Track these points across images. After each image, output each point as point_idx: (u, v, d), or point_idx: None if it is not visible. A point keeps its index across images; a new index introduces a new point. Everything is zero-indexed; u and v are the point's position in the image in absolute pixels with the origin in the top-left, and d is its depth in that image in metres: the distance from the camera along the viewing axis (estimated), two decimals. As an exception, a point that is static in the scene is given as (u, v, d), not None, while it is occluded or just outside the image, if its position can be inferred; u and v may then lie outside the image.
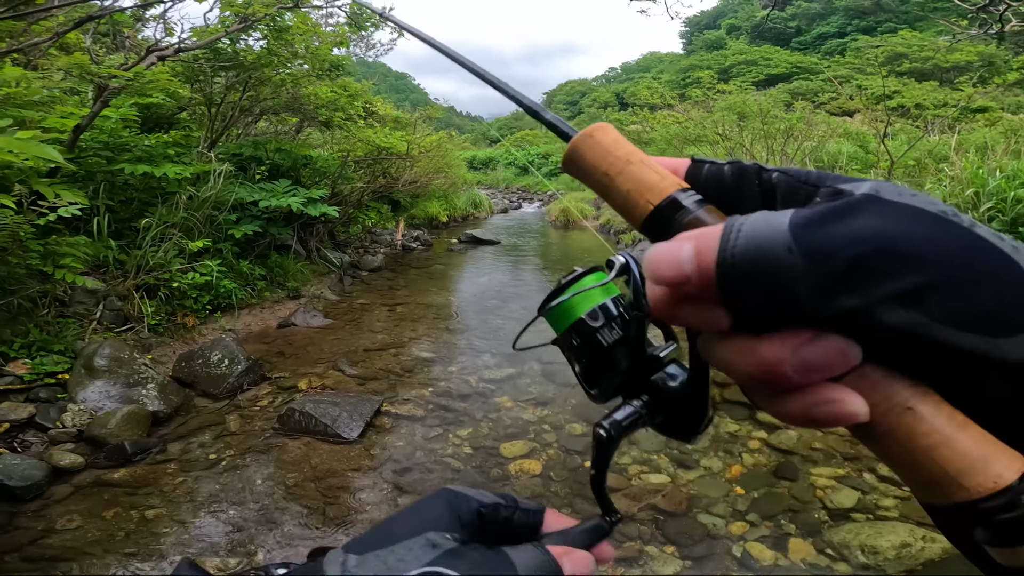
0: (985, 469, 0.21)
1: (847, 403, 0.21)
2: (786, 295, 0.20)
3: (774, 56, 42.10)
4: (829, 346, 0.21)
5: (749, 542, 2.30)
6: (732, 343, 0.23)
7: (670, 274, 0.22)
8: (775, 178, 0.27)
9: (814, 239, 0.20)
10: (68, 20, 3.96)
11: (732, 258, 0.21)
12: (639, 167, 0.30)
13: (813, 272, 0.20)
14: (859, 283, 0.20)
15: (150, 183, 4.47)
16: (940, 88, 23.94)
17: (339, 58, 7.41)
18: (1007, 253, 0.20)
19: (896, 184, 0.23)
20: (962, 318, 0.20)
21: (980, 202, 4.75)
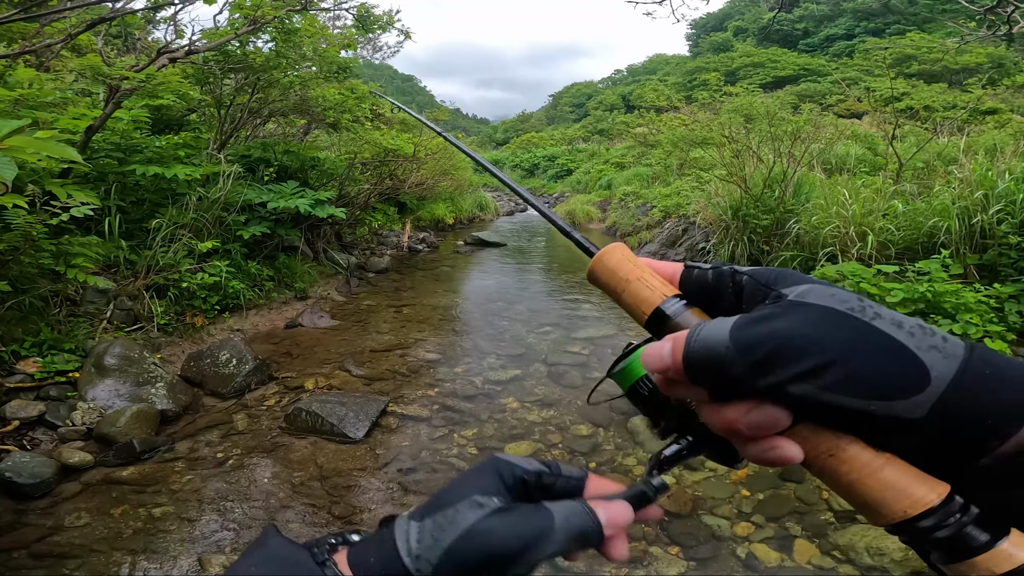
0: (900, 499, 0.28)
1: (785, 449, 0.30)
2: (728, 377, 0.30)
3: (781, 58, 41.89)
4: (765, 412, 0.30)
5: (754, 543, 2.30)
6: (709, 409, 0.32)
7: (657, 366, 0.33)
8: (744, 281, 0.36)
9: (743, 338, 0.29)
10: (80, 22, 4.00)
11: (691, 354, 0.31)
12: (636, 285, 0.40)
13: (742, 360, 0.29)
14: (772, 367, 0.28)
15: (161, 184, 4.51)
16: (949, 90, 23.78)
17: (346, 60, 7.45)
18: (899, 339, 0.28)
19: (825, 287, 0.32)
20: (848, 387, 0.28)
21: (989, 204, 4.72)
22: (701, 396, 0.32)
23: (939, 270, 4.53)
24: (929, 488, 0.28)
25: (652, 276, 0.40)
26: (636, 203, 11.99)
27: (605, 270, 0.42)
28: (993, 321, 4.18)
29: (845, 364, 0.28)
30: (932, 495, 0.28)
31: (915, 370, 0.27)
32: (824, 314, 0.30)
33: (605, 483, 0.41)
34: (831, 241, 5.79)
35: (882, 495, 0.28)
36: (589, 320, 5.49)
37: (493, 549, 0.34)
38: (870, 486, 0.29)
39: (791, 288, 0.33)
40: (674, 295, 0.39)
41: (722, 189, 7.86)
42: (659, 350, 0.33)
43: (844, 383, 0.28)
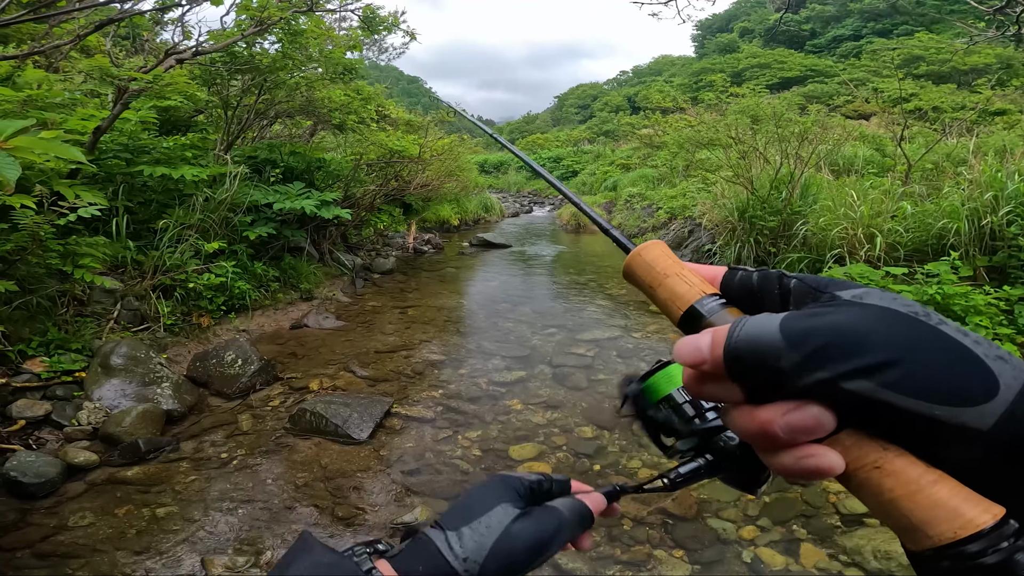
0: (951, 519, 0.25)
1: (825, 457, 0.27)
2: (774, 371, 0.27)
3: (788, 59, 41.73)
4: (807, 413, 0.27)
5: (760, 547, 2.28)
6: (741, 411, 0.30)
7: (692, 358, 0.30)
8: (792, 284, 0.34)
9: (797, 329, 0.27)
10: (89, 23, 4.03)
11: (735, 344, 0.28)
12: (673, 279, 0.38)
13: (794, 352, 0.27)
14: (827, 361, 0.26)
15: (168, 185, 4.53)
16: (958, 91, 23.61)
17: (352, 61, 7.47)
18: (967, 345, 0.26)
19: (884, 291, 0.30)
20: (911, 388, 0.25)
21: (999, 206, 4.68)
22: (735, 396, 0.30)
23: (948, 272, 4.49)
24: (983, 509, 0.25)
25: (691, 273, 0.39)
26: (642, 204, 11.96)
27: (642, 264, 0.41)
28: (1003, 324, 4.14)
29: (910, 364, 0.26)
30: (986, 516, 0.25)
31: (984, 377, 0.26)
32: (886, 313, 0.28)
33: (581, 484, 0.52)
34: (839, 243, 5.75)
35: (931, 514, 0.26)
36: (595, 322, 5.47)
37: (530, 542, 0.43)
38: (917, 503, 0.26)
39: (847, 291, 0.31)
40: (712, 294, 0.37)
41: (728, 190, 7.82)
42: (695, 342, 0.30)
43: (908, 383, 0.25)
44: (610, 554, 2.24)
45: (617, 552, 2.25)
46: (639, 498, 2.63)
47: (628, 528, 2.40)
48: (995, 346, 0.27)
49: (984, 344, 0.27)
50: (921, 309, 0.28)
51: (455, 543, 0.41)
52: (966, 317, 4.20)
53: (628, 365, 4.31)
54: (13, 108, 3.37)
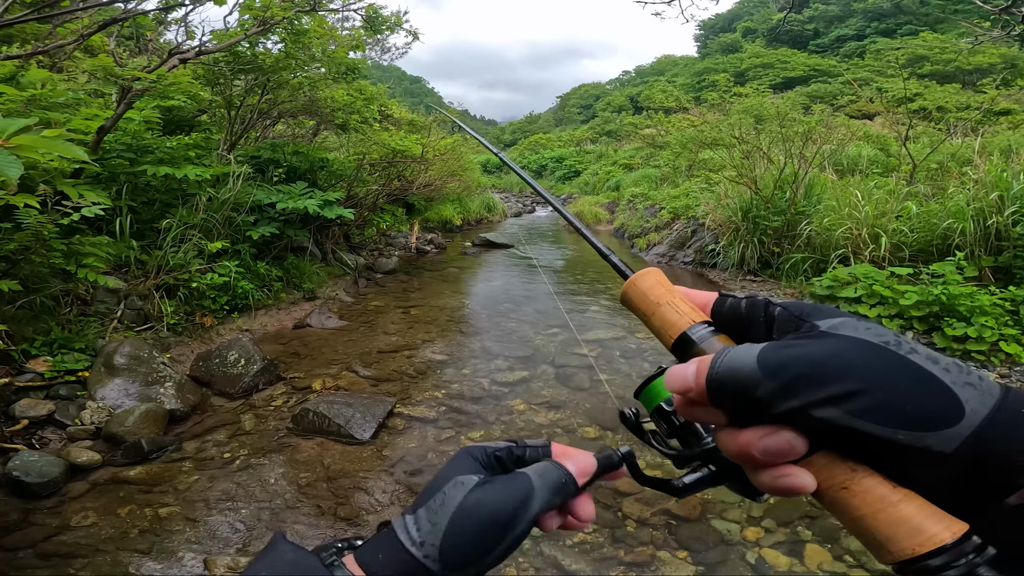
0: (913, 535, 0.27)
1: (797, 477, 0.30)
2: (751, 399, 0.30)
3: (791, 59, 41.63)
4: (781, 437, 0.30)
5: (764, 548, 2.27)
6: (725, 433, 0.32)
7: (679, 386, 0.33)
8: (777, 312, 0.36)
9: (772, 360, 0.30)
10: (93, 23, 4.04)
11: (716, 374, 0.31)
12: (666, 308, 0.41)
13: (768, 382, 0.29)
14: (799, 390, 0.29)
15: (171, 184, 4.53)
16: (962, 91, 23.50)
17: (355, 61, 7.47)
18: (934, 373, 0.28)
19: (860, 320, 0.32)
20: (877, 415, 0.27)
21: (1005, 206, 4.65)
22: (720, 420, 0.33)
23: (953, 272, 4.47)
24: (944, 526, 0.27)
25: (682, 302, 0.41)
26: (644, 204, 11.93)
27: (637, 293, 0.43)
28: (1008, 324, 4.11)
29: (875, 392, 0.28)
30: (946, 533, 0.27)
31: (949, 403, 0.27)
32: (857, 344, 0.30)
33: (567, 448, 0.45)
34: (843, 243, 5.73)
35: (893, 531, 0.28)
36: (597, 322, 5.46)
37: (487, 516, 0.38)
38: (881, 521, 0.28)
39: (825, 320, 0.33)
40: (702, 321, 0.40)
41: (732, 190, 7.80)
42: (683, 371, 0.33)
43: (873, 410, 0.28)
44: (613, 555, 2.23)
45: (621, 553, 2.24)
46: (642, 499, 2.62)
47: (632, 529, 2.39)
48: (967, 371, 0.29)
49: (954, 371, 0.28)
50: (893, 338, 0.30)
51: (411, 527, 0.38)
52: (971, 317, 4.18)
53: (631, 365, 4.30)
54: (17, 108, 3.38)
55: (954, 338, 4.16)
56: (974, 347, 4.05)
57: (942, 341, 4.26)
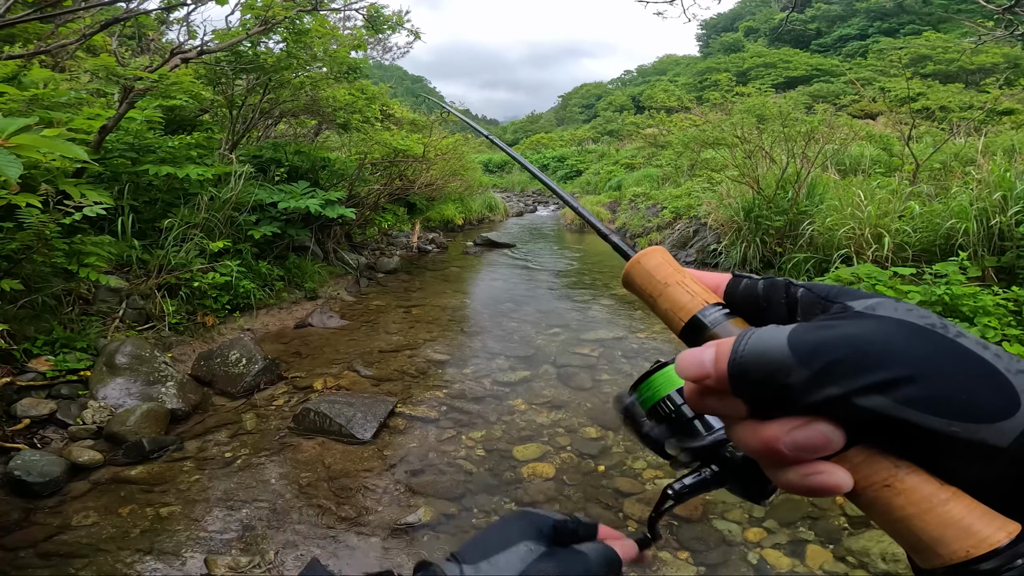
0: (963, 537, 0.25)
1: (832, 475, 0.27)
2: (781, 387, 0.26)
3: (793, 59, 41.55)
4: (815, 430, 0.26)
5: (766, 549, 2.26)
6: (744, 426, 0.29)
7: (695, 373, 0.29)
8: (800, 294, 0.33)
9: (806, 343, 0.26)
10: (95, 22, 4.04)
11: (740, 359, 0.27)
12: (674, 288, 0.37)
13: (804, 367, 0.26)
14: (839, 376, 0.25)
15: (173, 184, 4.54)
16: (965, 90, 23.44)
17: (357, 61, 7.47)
18: (986, 359, 0.25)
19: (898, 301, 0.29)
20: (929, 404, 0.24)
21: (1008, 206, 4.64)
22: (738, 411, 0.29)
23: (956, 272, 4.46)
24: (998, 526, 0.25)
25: (693, 282, 0.37)
26: (646, 204, 11.93)
27: (642, 273, 0.39)
28: (1012, 325, 4.10)
29: (927, 379, 0.25)
30: (1001, 534, 0.24)
31: (1005, 393, 0.25)
32: (902, 326, 0.27)
33: (611, 529, 0.48)
34: (846, 243, 5.71)
35: (941, 532, 0.25)
36: (599, 321, 5.46)
37: None
38: (929, 522, 0.25)
39: (859, 301, 0.30)
40: (715, 303, 0.36)
41: (734, 190, 7.79)
42: (698, 355, 0.29)
43: (926, 400, 0.24)
44: (615, 556, 2.23)
45: (622, 554, 2.24)
46: (643, 499, 2.62)
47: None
48: (1016, 359, 0.26)
49: (1005, 358, 0.26)
50: (939, 321, 0.27)
51: None
52: (974, 318, 4.17)
53: (633, 365, 4.29)
54: (19, 107, 3.38)
55: (957, 338, 4.15)
56: (977, 347, 4.04)
57: (945, 341, 4.25)
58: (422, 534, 2.34)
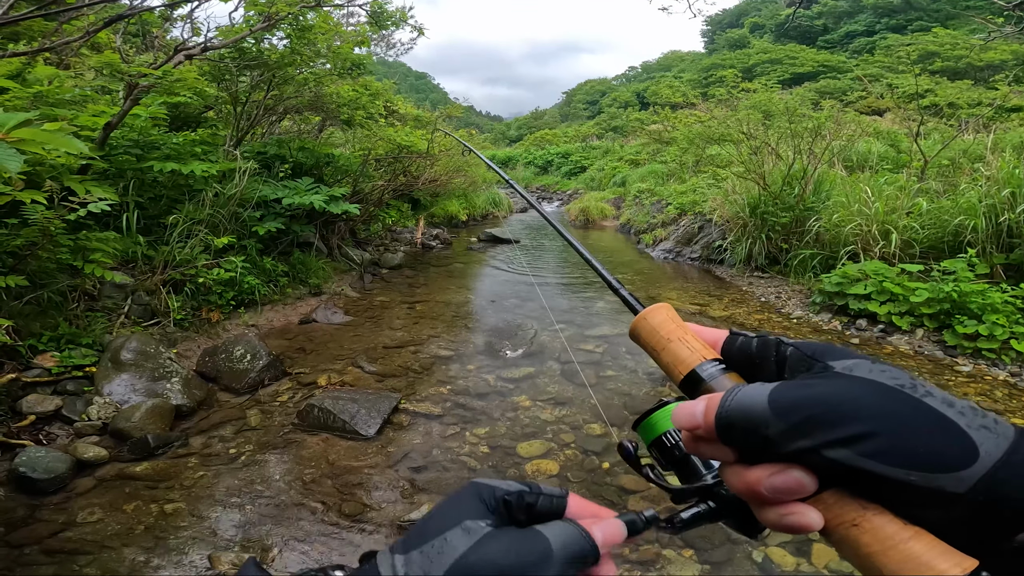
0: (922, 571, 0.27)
1: (805, 515, 0.30)
2: (761, 438, 0.30)
3: (800, 55, 41.22)
4: (790, 476, 0.30)
5: (770, 547, 2.25)
6: (732, 469, 0.33)
7: (688, 423, 0.33)
8: (789, 352, 0.36)
9: (783, 400, 0.30)
10: (98, 20, 4.04)
11: (727, 413, 0.31)
12: (676, 344, 0.42)
13: (779, 422, 0.29)
14: (810, 430, 0.29)
15: (178, 180, 4.55)
16: (974, 87, 23.22)
17: (360, 57, 7.46)
18: (948, 416, 0.29)
19: (875, 362, 0.32)
20: (889, 457, 0.28)
21: (1017, 203, 4.59)
22: (727, 456, 0.33)
23: (965, 269, 4.42)
24: (955, 563, 0.27)
25: (693, 338, 0.42)
26: (651, 200, 11.88)
27: (647, 328, 0.44)
28: (1020, 322, 4.06)
29: (887, 434, 0.28)
30: (956, 569, 0.27)
31: (963, 446, 0.28)
32: (870, 385, 0.30)
33: (587, 503, 0.40)
34: (853, 239, 5.67)
35: (902, 568, 0.28)
36: (603, 317, 5.44)
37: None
38: (892, 558, 0.28)
39: (839, 361, 0.33)
40: (713, 359, 0.40)
41: (740, 186, 7.74)
42: (692, 408, 0.33)
43: (885, 453, 0.28)
44: (618, 553, 2.21)
45: (626, 551, 2.23)
46: (648, 496, 2.61)
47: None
48: (982, 414, 0.29)
49: (969, 414, 0.29)
50: (908, 381, 0.30)
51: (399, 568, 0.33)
52: (983, 315, 4.13)
53: (637, 362, 4.27)
54: (23, 104, 3.39)
55: (965, 336, 4.12)
56: (985, 345, 4.00)
57: (953, 339, 4.21)
58: (426, 531, 2.34)
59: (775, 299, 6.07)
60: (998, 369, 3.94)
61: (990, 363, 4.01)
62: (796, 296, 6.01)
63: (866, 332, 4.79)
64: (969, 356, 4.12)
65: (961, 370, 3.99)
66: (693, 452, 0.35)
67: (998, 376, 3.88)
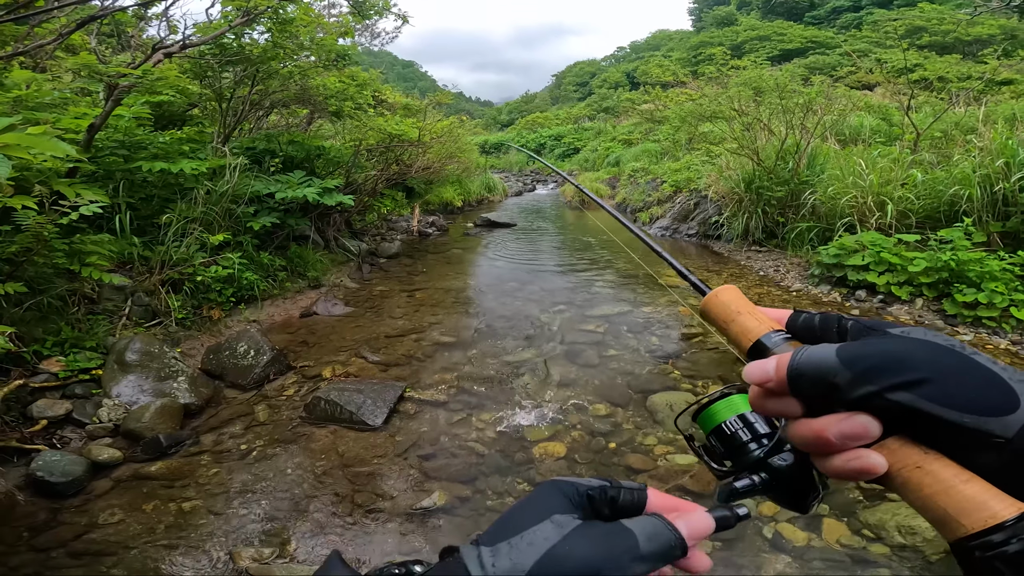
0: (979, 511, 0.30)
1: (870, 459, 0.33)
2: (829, 385, 0.34)
3: (788, 31, 40.88)
4: (856, 421, 0.33)
5: (780, 523, 2.26)
6: (800, 423, 0.36)
7: (760, 377, 0.37)
8: (849, 324, 0.41)
9: (851, 353, 0.34)
10: (71, 21, 3.97)
11: (797, 364, 0.35)
12: (745, 317, 0.46)
13: (846, 371, 0.33)
14: (875, 377, 0.32)
15: (168, 179, 4.50)
16: (962, 61, 23.14)
17: (345, 48, 7.37)
18: (993, 370, 0.33)
19: (927, 330, 0.36)
20: (944, 400, 0.31)
21: (1011, 172, 4.60)
22: (794, 410, 0.36)
23: (962, 238, 4.45)
24: (1007, 504, 0.30)
25: (761, 313, 0.46)
26: (646, 179, 11.85)
27: (719, 303, 0.49)
28: (1019, 290, 4.10)
29: (943, 381, 0.32)
30: (1010, 510, 0.30)
31: (1007, 394, 0.31)
32: (926, 343, 0.34)
33: (666, 497, 0.40)
34: (848, 211, 5.69)
35: (962, 508, 0.31)
36: (603, 297, 5.46)
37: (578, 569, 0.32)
38: (951, 498, 0.31)
39: (895, 329, 0.38)
40: (778, 330, 0.44)
41: (734, 162, 7.74)
42: (763, 364, 0.37)
43: (942, 396, 0.31)
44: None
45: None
46: (656, 476, 2.64)
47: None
48: (1019, 372, 0.33)
49: (1010, 371, 0.33)
50: (958, 343, 0.34)
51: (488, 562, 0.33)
52: (981, 283, 4.16)
53: (639, 340, 4.29)
54: (4, 109, 3.34)
55: (964, 304, 4.15)
56: (985, 313, 4.04)
57: (952, 307, 4.25)
58: (438, 518, 2.36)
59: (774, 272, 6.10)
60: (999, 338, 3.98)
61: (991, 331, 4.04)
62: (795, 269, 6.04)
63: (866, 303, 4.83)
64: (969, 325, 4.15)
65: (962, 339, 4.03)
66: (761, 408, 0.38)
67: (999, 345, 3.92)
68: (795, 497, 0.43)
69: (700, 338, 4.27)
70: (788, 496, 0.43)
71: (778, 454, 0.45)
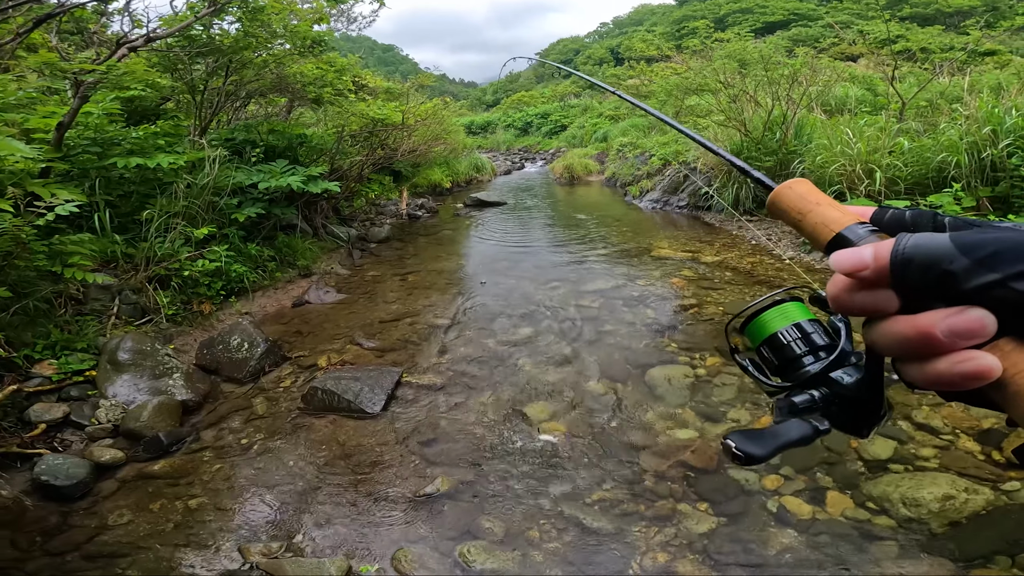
0: None
1: (982, 360, 0.29)
2: (943, 272, 0.29)
3: (770, 3, 40.60)
4: (971, 316, 0.29)
5: (785, 496, 2.24)
6: (895, 320, 0.31)
7: (853, 266, 0.32)
8: (947, 221, 0.37)
9: (967, 239, 0.30)
10: (27, 20, 3.84)
11: (904, 251, 0.31)
12: (826, 207, 0.41)
13: (963, 257, 0.29)
14: (997, 264, 0.28)
15: (146, 175, 4.40)
16: (944, 32, 23.13)
17: (320, 34, 7.21)
18: None
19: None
20: None
21: (999, 139, 4.63)
22: (890, 304, 0.31)
23: (952, 203, 4.48)
24: None
25: (842, 205, 0.41)
26: (634, 153, 11.81)
27: (793, 195, 0.43)
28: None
29: None
30: None
31: None
32: None
33: None
34: (838, 179, 5.71)
35: None
36: (596, 272, 5.45)
37: None
38: None
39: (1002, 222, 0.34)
40: (862, 223, 0.38)
41: (722, 134, 7.72)
42: (857, 251, 0.32)
43: None
44: (634, 511, 2.25)
45: (641, 508, 2.25)
46: (658, 452, 2.64)
47: (650, 484, 2.40)
48: None
49: None
50: None
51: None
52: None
53: (635, 314, 4.29)
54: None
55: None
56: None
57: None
58: (442, 504, 2.36)
59: (766, 241, 6.12)
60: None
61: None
62: (787, 237, 6.07)
63: (857, 272, 4.86)
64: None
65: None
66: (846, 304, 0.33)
67: None
68: (856, 419, 0.39)
69: (695, 309, 4.29)
70: (848, 416, 0.39)
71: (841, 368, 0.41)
